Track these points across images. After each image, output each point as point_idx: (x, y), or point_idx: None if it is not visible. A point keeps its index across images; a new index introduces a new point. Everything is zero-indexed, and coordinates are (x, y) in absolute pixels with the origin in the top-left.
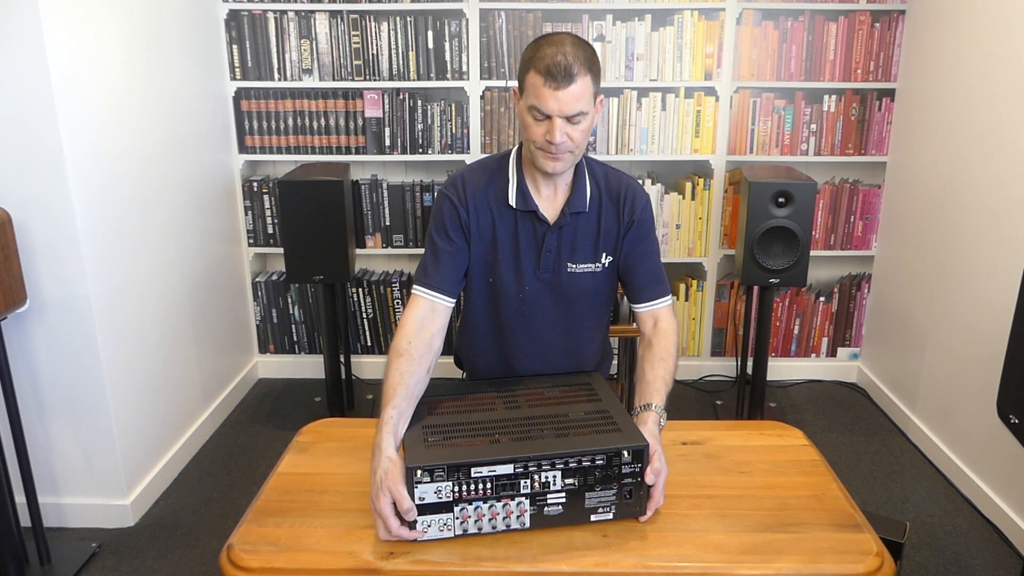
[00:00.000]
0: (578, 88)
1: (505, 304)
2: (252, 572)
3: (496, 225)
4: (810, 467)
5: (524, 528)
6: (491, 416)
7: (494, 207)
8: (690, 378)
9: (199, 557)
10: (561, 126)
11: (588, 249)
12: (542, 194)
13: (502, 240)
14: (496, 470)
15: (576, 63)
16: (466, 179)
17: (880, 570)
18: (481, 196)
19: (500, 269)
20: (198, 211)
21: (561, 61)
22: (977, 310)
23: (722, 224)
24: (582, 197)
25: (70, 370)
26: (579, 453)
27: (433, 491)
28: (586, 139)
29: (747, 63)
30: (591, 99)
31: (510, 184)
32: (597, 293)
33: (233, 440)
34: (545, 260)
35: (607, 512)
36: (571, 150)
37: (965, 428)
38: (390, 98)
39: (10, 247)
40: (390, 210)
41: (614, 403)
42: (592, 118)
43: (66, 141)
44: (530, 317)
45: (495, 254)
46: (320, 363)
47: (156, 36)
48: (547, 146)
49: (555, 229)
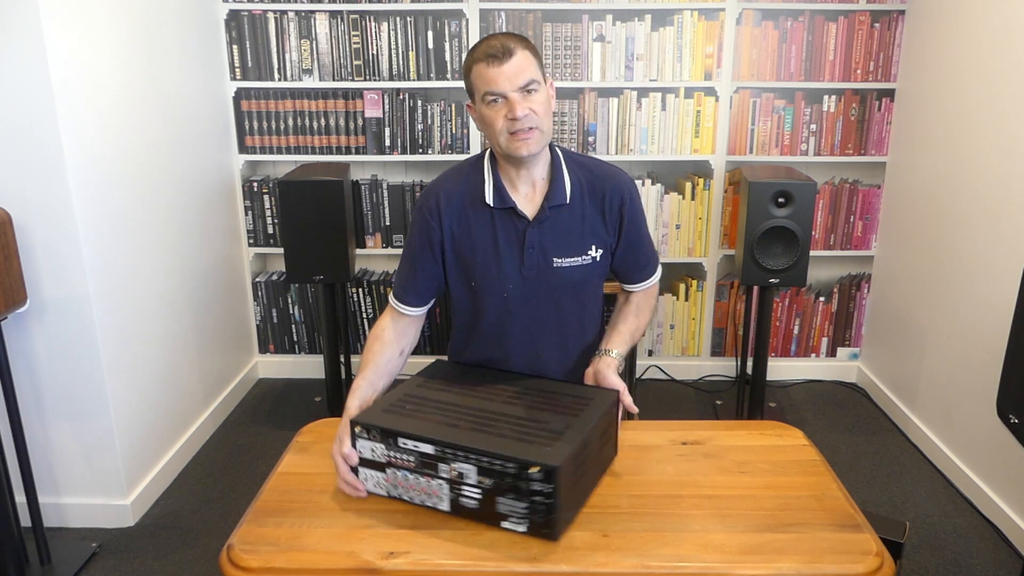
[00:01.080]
0: (519, 59)
1: (490, 306)
2: (252, 572)
3: (472, 227)
4: (810, 467)
5: (446, 512)
6: (470, 403)
7: (469, 209)
8: (690, 378)
9: (199, 557)
10: (519, 100)
11: (573, 243)
12: (520, 192)
13: (479, 241)
14: (420, 447)
15: (510, 41)
16: (438, 188)
17: (880, 570)
18: (456, 201)
19: (479, 272)
20: (198, 211)
21: (495, 43)
22: (977, 310)
23: (722, 224)
24: (561, 190)
25: (70, 370)
26: (485, 453)
27: (369, 449)
28: (548, 115)
29: (747, 63)
30: (537, 70)
31: (486, 183)
32: (587, 285)
33: (233, 440)
34: (529, 257)
35: (520, 524)
36: (537, 125)
37: (965, 428)
38: (390, 98)
39: (10, 247)
40: (390, 210)
41: (585, 423)
42: (547, 93)
43: (66, 141)
44: (517, 316)
45: (473, 258)
46: (320, 363)
47: (156, 36)
48: (512, 126)
49: (535, 225)
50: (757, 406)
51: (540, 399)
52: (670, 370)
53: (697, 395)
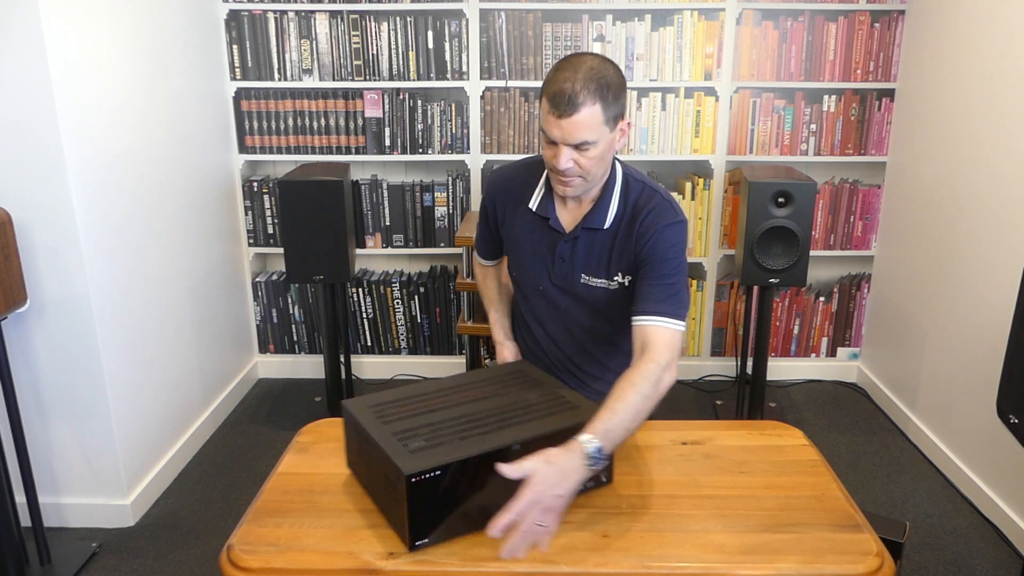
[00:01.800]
0: (582, 118)
1: (527, 296)
2: (252, 572)
3: (517, 224)
4: (810, 467)
5: None
6: (453, 413)
7: (519, 206)
8: (690, 378)
9: (199, 557)
10: (567, 153)
11: (601, 265)
12: (567, 205)
13: (520, 239)
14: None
15: (584, 92)
16: (503, 175)
17: (880, 570)
18: (510, 194)
19: (519, 265)
20: (198, 211)
21: (567, 89)
22: (977, 310)
23: (722, 224)
24: (603, 215)
25: (70, 370)
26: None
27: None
28: (600, 166)
29: (747, 63)
30: (600, 127)
31: (537, 188)
32: (613, 308)
33: (233, 440)
34: (559, 268)
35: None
36: (580, 175)
37: (965, 428)
38: (390, 98)
39: (10, 247)
40: (390, 210)
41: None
42: (605, 146)
43: (66, 141)
44: (549, 312)
45: (517, 251)
46: (320, 363)
47: (156, 36)
48: (556, 169)
49: (568, 240)
50: (757, 406)
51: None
52: None
53: (697, 395)
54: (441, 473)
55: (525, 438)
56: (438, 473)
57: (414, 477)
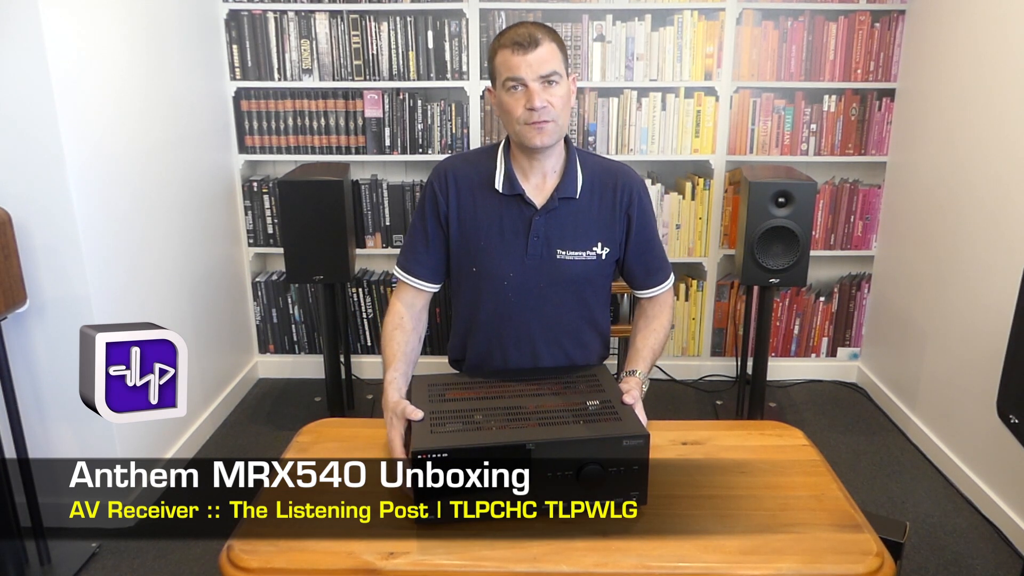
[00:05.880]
0: (544, 50)
1: (490, 294)
2: (252, 572)
3: (478, 211)
4: (810, 467)
5: None
6: (501, 404)
7: (477, 193)
8: (690, 378)
9: (199, 557)
10: (539, 90)
11: (579, 237)
12: (531, 181)
13: (484, 226)
14: None
15: (540, 31)
16: (450, 166)
17: (880, 570)
18: (464, 182)
19: (482, 257)
20: (198, 211)
21: (524, 31)
22: (977, 310)
23: (722, 224)
24: (572, 184)
25: (70, 370)
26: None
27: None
28: (566, 109)
29: (747, 63)
30: (561, 63)
31: (497, 170)
32: (589, 284)
33: (233, 440)
34: (533, 245)
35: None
36: (553, 118)
37: (965, 428)
38: (390, 98)
39: (10, 247)
40: (390, 210)
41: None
42: (568, 88)
43: (66, 141)
44: (516, 308)
45: (476, 241)
46: (320, 363)
47: (156, 36)
48: (529, 116)
49: (543, 214)
50: (757, 406)
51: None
52: (670, 370)
53: (697, 395)
54: (448, 456)
55: (554, 439)
56: (444, 455)
57: (420, 454)
